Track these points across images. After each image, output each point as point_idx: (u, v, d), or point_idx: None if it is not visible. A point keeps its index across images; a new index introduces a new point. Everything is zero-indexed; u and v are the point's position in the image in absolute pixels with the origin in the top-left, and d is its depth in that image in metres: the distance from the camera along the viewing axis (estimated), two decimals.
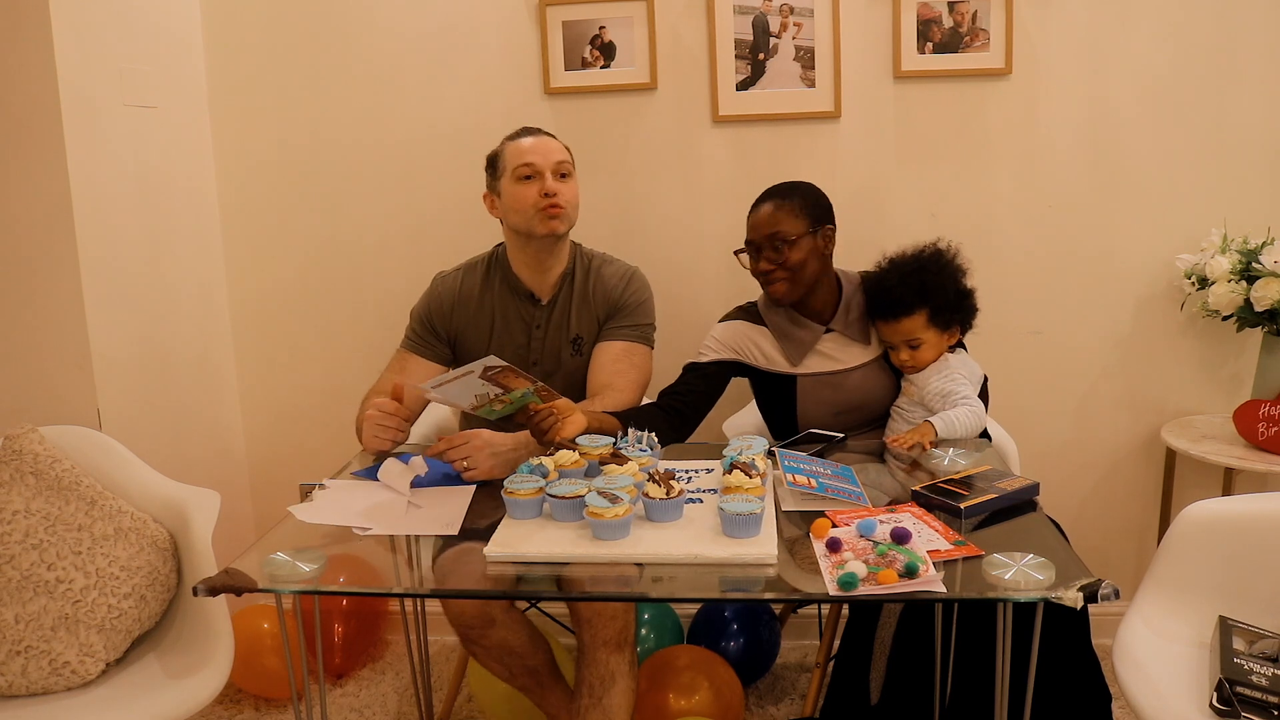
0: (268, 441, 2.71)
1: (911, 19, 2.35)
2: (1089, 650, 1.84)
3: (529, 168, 1.98)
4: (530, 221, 1.99)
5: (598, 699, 1.81)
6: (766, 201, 2.01)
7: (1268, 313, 2.18)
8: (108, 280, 2.18)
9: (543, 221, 1.99)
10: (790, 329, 2.07)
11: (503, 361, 1.67)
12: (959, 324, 2.02)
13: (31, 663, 1.73)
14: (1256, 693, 1.44)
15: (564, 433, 1.72)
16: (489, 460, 1.75)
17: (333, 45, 2.49)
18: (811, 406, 2.05)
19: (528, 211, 1.98)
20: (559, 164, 2.01)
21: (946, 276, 1.99)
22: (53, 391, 2.14)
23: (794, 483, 1.59)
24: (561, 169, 2.01)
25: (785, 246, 1.97)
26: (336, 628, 2.48)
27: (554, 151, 2.02)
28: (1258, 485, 2.33)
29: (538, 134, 2.04)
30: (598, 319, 2.08)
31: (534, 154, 1.99)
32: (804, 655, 2.58)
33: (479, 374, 1.66)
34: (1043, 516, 1.57)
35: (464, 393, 1.71)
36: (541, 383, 1.73)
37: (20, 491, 1.84)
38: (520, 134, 2.05)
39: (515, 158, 2.00)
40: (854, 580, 1.29)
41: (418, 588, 1.59)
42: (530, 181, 1.98)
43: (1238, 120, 2.34)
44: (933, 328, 1.97)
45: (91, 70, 2.12)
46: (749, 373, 2.11)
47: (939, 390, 1.96)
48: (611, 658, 1.82)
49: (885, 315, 2.00)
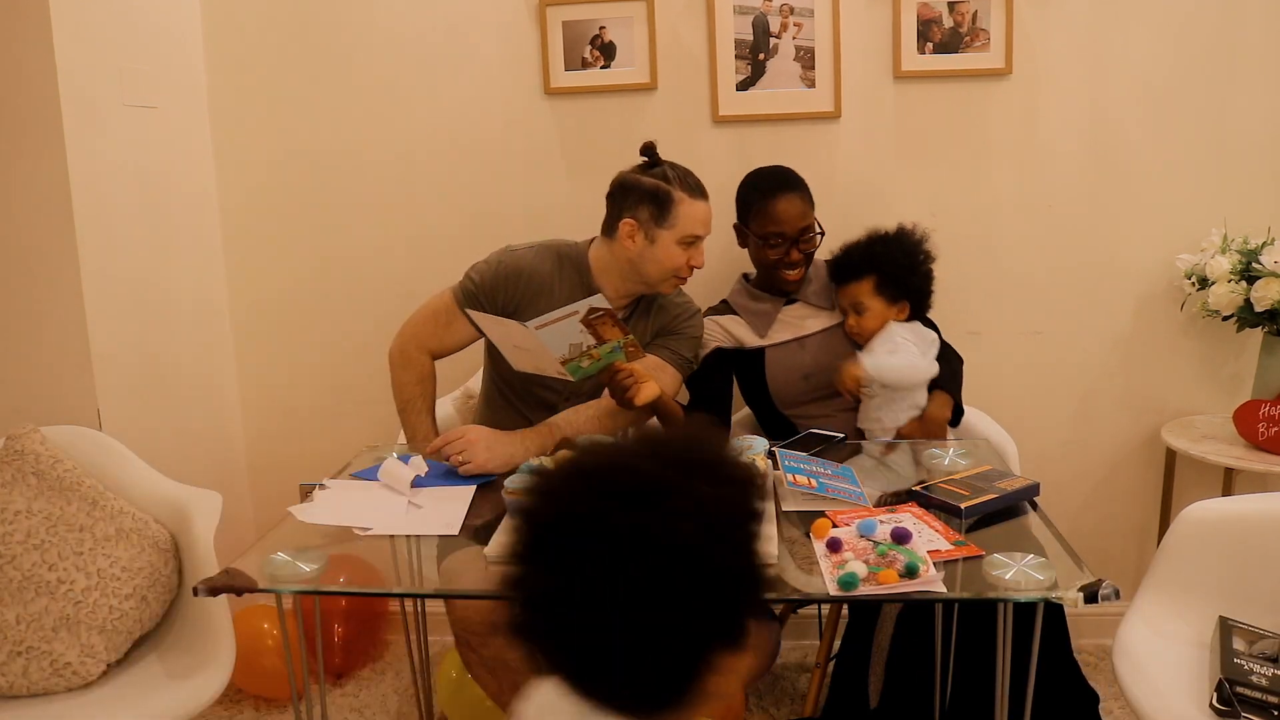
0: (268, 442, 2.71)
1: (911, 19, 2.35)
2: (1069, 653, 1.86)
3: (698, 239, 1.97)
4: (662, 280, 2.00)
5: None
6: (791, 193, 2.11)
7: (1268, 313, 2.18)
8: (108, 280, 2.18)
9: (671, 285, 2.01)
10: (755, 305, 2.19)
11: (607, 304, 1.68)
12: (907, 300, 2.10)
13: (33, 663, 1.73)
14: (1256, 693, 1.44)
15: (641, 396, 1.78)
16: (484, 453, 1.75)
17: (333, 45, 2.49)
18: (780, 373, 2.13)
19: (668, 271, 1.97)
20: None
21: (900, 252, 2.09)
22: (53, 391, 2.14)
23: (794, 483, 1.59)
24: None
25: (814, 237, 2.12)
26: (336, 628, 2.48)
27: (711, 221, 2.00)
28: (1258, 485, 2.33)
29: (707, 197, 1.99)
30: (651, 333, 2.08)
31: (705, 227, 1.98)
32: (804, 655, 2.57)
33: (582, 315, 1.67)
34: (1043, 516, 1.57)
35: (562, 338, 1.70)
36: (632, 335, 1.74)
37: (22, 492, 1.84)
38: (697, 191, 1.97)
39: (691, 223, 1.95)
40: (854, 580, 1.29)
41: (418, 588, 1.60)
42: (687, 249, 1.96)
43: (1238, 120, 2.34)
44: (879, 297, 2.08)
45: (91, 70, 2.12)
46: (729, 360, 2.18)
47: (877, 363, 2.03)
48: None
49: (836, 278, 2.14)
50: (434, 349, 2.07)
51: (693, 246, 1.97)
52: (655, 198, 1.94)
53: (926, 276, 2.12)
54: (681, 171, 1.98)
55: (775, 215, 2.09)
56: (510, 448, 1.78)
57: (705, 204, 1.98)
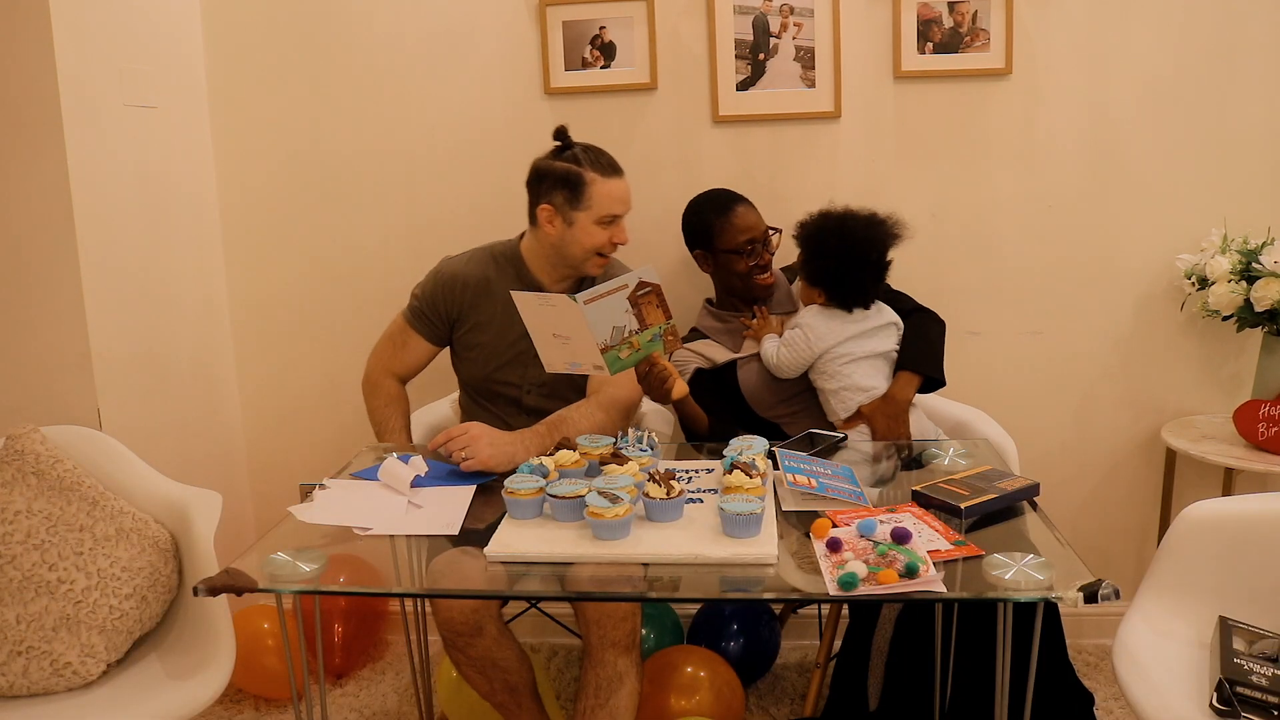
0: (268, 442, 2.71)
1: (911, 19, 2.35)
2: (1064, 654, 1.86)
3: (616, 217, 2.00)
4: (585, 261, 2.03)
5: (604, 700, 1.80)
6: (741, 204, 2.21)
7: (1268, 313, 2.18)
8: (108, 280, 2.18)
9: (595, 265, 2.04)
10: (721, 325, 2.27)
11: (656, 279, 1.69)
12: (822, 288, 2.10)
13: (33, 663, 1.73)
14: (1256, 693, 1.44)
15: (676, 391, 1.83)
16: (487, 449, 1.76)
17: (333, 45, 2.49)
18: (752, 381, 2.17)
19: (589, 251, 2.01)
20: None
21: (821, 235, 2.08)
22: (53, 391, 2.14)
23: (794, 483, 1.59)
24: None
25: (777, 234, 2.22)
26: (336, 628, 2.48)
27: (628, 199, 2.03)
28: (1258, 485, 2.33)
29: (622, 174, 2.02)
30: None
31: (623, 205, 2.01)
32: (804, 655, 2.58)
33: (631, 290, 1.67)
34: (1043, 516, 1.57)
35: (607, 317, 1.69)
36: (673, 320, 1.76)
37: (22, 492, 1.84)
38: (610, 170, 2.00)
39: (606, 202, 1.98)
40: (854, 580, 1.29)
41: (418, 588, 1.59)
42: (607, 227, 2.00)
43: (1238, 120, 2.34)
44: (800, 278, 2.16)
45: (91, 70, 2.12)
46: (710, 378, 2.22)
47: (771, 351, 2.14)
48: (620, 659, 1.82)
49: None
50: (398, 371, 2.17)
51: (613, 225, 2.00)
52: (568, 181, 1.98)
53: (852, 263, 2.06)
54: (594, 152, 2.00)
55: (739, 225, 2.18)
56: (512, 446, 1.79)
57: (619, 181, 2.00)
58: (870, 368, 2.08)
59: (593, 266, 2.04)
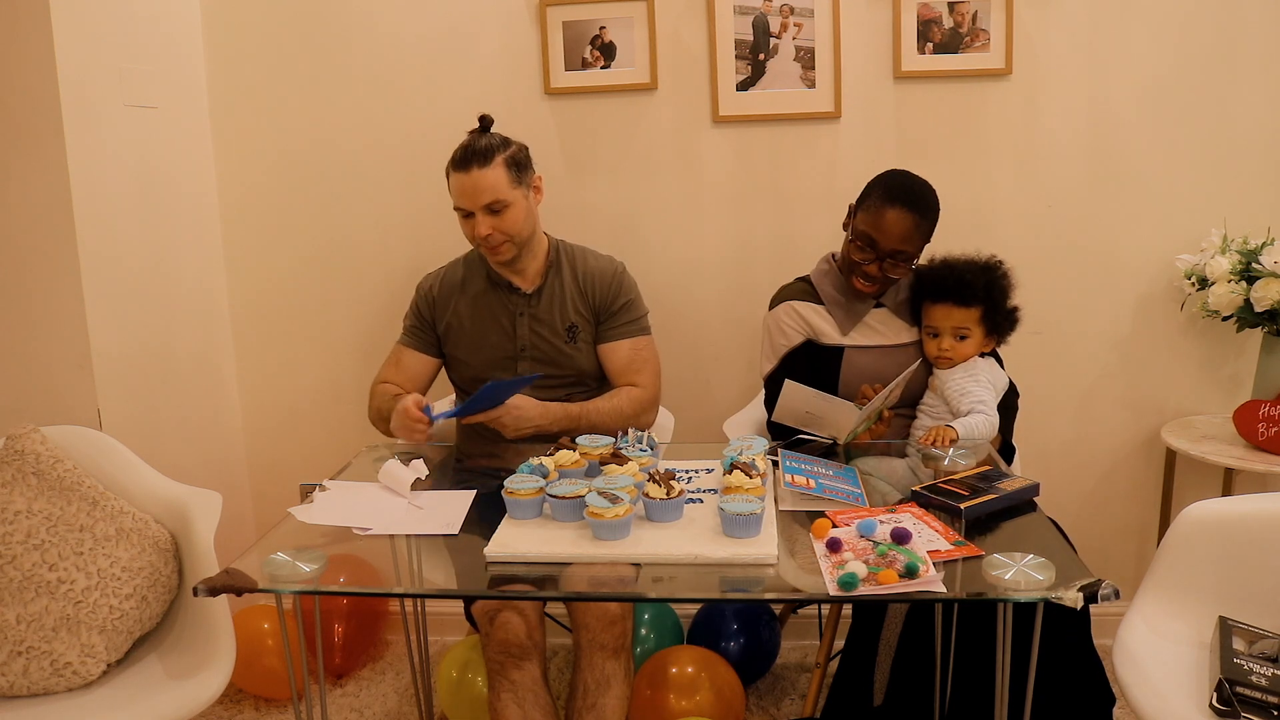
0: (268, 442, 2.71)
1: (912, 19, 2.35)
2: (1091, 652, 1.84)
3: (461, 210, 2.02)
4: (480, 250, 2.08)
5: (592, 703, 1.80)
6: (908, 209, 1.98)
7: (1268, 313, 2.18)
8: (108, 280, 2.18)
9: (489, 254, 2.06)
10: (845, 300, 2.10)
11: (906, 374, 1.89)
12: (999, 334, 2.06)
13: (33, 663, 1.73)
14: (1256, 693, 1.44)
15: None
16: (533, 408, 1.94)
17: (333, 45, 2.49)
18: (854, 376, 2.06)
19: (473, 242, 2.05)
20: (489, 205, 1.98)
21: (1007, 284, 2.05)
22: (53, 391, 2.14)
23: (791, 483, 1.59)
24: (493, 207, 1.98)
25: (904, 264, 2.01)
26: (336, 628, 2.48)
27: (482, 193, 1.97)
28: (1258, 485, 2.33)
29: (469, 169, 1.97)
30: (593, 313, 2.13)
31: (463, 198, 2.01)
32: (804, 655, 2.58)
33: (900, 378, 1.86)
34: (1043, 516, 1.57)
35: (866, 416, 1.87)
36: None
37: (22, 492, 1.84)
38: (459, 164, 1.99)
39: (455, 195, 2.02)
40: (854, 580, 1.29)
41: (418, 588, 1.59)
42: (468, 219, 2.02)
43: (1238, 120, 2.34)
44: (982, 326, 2.02)
45: (91, 70, 2.12)
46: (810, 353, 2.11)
47: (959, 388, 1.98)
48: (608, 663, 1.82)
49: (950, 298, 2.01)
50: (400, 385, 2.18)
51: (469, 219, 2.01)
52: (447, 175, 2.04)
53: (1017, 311, 2.06)
54: (466, 143, 2.02)
55: (877, 222, 1.98)
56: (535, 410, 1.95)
57: (466, 175, 1.98)
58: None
59: (490, 256, 2.06)
